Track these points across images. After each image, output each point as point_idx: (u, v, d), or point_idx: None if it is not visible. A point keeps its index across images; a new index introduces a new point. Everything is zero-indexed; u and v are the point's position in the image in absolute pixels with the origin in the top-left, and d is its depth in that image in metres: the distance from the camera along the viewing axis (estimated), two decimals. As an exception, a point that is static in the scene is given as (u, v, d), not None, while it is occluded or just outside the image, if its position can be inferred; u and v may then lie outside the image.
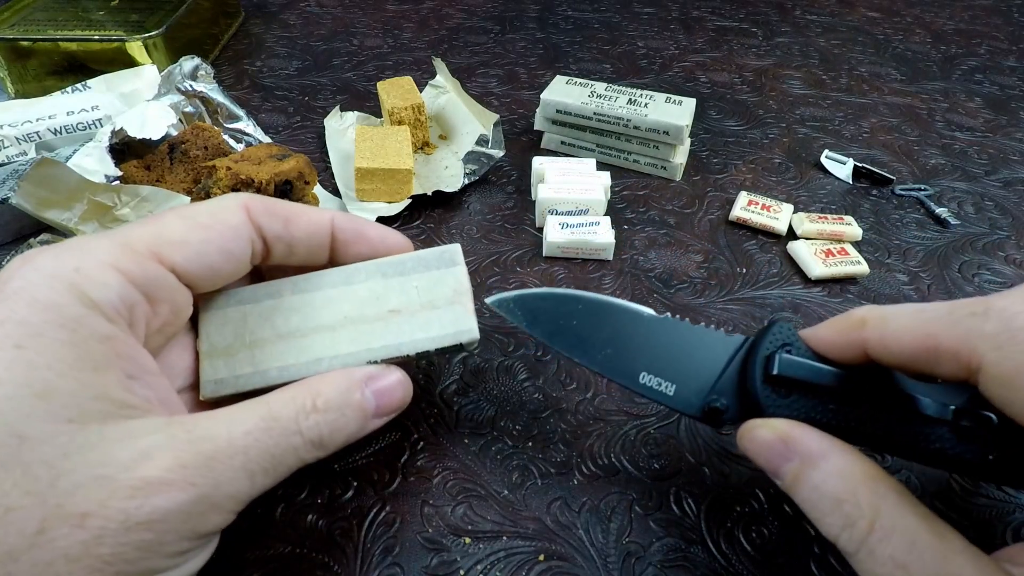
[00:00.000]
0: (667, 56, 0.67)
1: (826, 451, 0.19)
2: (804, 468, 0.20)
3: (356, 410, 0.22)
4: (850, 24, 0.76)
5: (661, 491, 0.27)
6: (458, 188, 0.44)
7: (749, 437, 0.21)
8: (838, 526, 0.19)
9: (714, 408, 0.23)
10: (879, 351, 0.20)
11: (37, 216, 0.34)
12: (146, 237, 0.20)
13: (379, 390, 0.22)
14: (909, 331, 0.20)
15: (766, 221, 0.42)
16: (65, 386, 0.17)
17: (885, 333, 0.20)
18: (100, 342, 0.18)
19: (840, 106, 0.58)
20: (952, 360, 0.19)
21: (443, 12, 0.76)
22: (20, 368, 0.17)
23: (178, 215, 0.21)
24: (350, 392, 0.22)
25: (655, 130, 0.45)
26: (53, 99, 0.46)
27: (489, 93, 0.59)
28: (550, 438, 0.29)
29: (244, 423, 0.19)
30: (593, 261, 0.39)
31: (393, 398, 0.23)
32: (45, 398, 0.17)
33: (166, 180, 0.42)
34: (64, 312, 0.18)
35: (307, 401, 0.21)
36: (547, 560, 0.24)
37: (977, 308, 0.18)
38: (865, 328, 0.21)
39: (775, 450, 0.20)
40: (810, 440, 0.20)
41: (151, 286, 0.20)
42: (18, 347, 0.17)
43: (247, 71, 0.62)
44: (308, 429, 0.20)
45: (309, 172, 0.40)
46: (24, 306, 0.17)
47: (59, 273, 0.18)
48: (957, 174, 0.49)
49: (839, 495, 0.19)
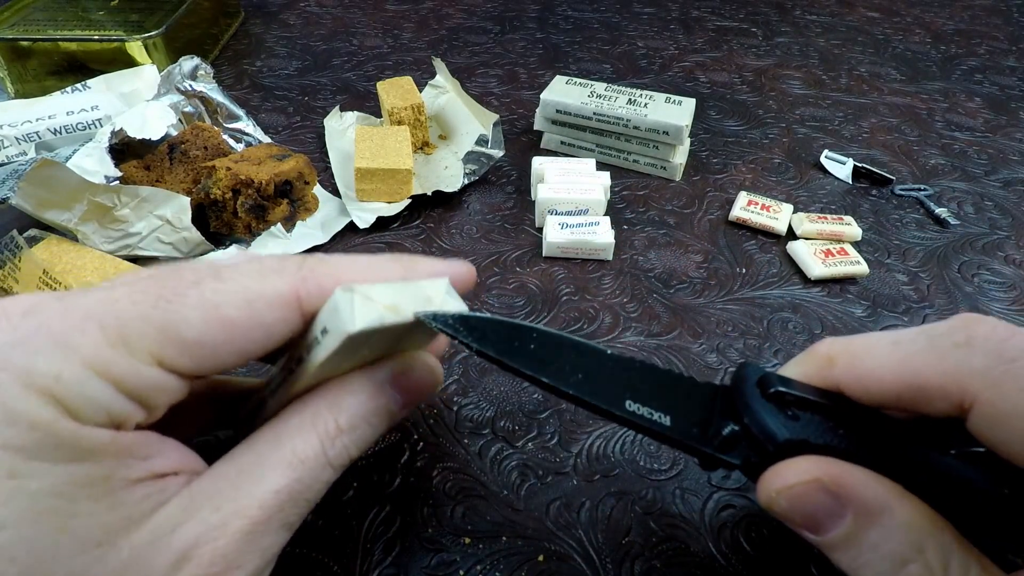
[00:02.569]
0: (667, 56, 0.67)
1: (887, 502, 0.16)
2: (860, 525, 0.16)
3: (382, 416, 0.19)
4: (850, 24, 0.76)
5: (660, 491, 0.27)
6: (458, 188, 0.44)
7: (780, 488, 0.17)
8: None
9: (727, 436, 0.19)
10: (857, 392, 0.18)
11: (37, 216, 0.34)
12: (150, 334, 0.16)
13: (408, 387, 0.20)
14: (888, 370, 0.18)
15: (766, 221, 0.42)
16: (81, 509, 0.15)
17: (861, 373, 0.18)
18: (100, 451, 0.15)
19: (840, 106, 0.58)
20: (942, 399, 0.17)
21: (443, 12, 0.76)
22: (23, 502, 0.14)
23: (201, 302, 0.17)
24: (376, 399, 0.19)
25: (655, 130, 0.45)
26: (53, 99, 0.46)
27: (489, 93, 0.59)
28: (549, 438, 0.29)
29: (272, 481, 0.17)
30: (593, 261, 0.39)
31: (422, 388, 0.20)
32: (64, 531, 0.14)
33: (166, 180, 0.42)
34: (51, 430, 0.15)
35: (330, 424, 0.18)
36: (547, 560, 0.24)
37: (959, 338, 0.17)
38: (835, 367, 0.19)
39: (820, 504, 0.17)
40: (865, 488, 0.16)
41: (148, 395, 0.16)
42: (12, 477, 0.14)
43: (247, 71, 0.62)
44: (336, 457, 0.18)
45: (309, 172, 0.40)
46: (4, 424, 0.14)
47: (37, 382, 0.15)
48: (957, 174, 0.49)
49: (904, 555, 0.16)
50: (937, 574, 0.16)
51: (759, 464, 0.18)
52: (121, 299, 0.16)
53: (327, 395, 0.19)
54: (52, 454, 0.15)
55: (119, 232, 0.36)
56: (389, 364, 0.20)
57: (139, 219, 0.36)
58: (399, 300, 0.17)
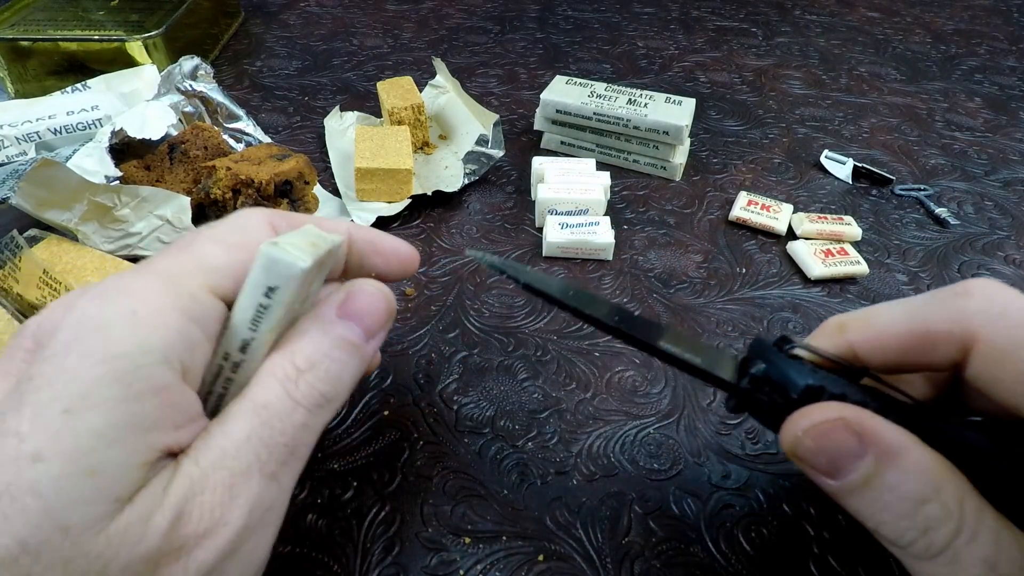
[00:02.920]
0: (667, 56, 0.67)
1: (905, 444, 0.17)
2: (881, 466, 0.17)
3: (343, 347, 0.19)
4: (850, 24, 0.76)
5: (660, 491, 0.27)
6: (458, 188, 0.44)
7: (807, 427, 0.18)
8: (916, 530, 0.16)
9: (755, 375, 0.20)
10: (869, 351, 0.19)
11: (37, 216, 0.34)
12: (193, 269, 0.18)
13: (356, 312, 0.20)
14: (897, 324, 0.19)
15: (766, 221, 0.42)
16: (114, 457, 0.15)
17: (872, 332, 0.19)
18: (154, 394, 0.16)
19: (840, 106, 0.58)
20: (946, 343, 0.18)
21: (443, 12, 0.76)
22: (67, 439, 0.15)
23: (209, 239, 0.19)
24: (327, 333, 0.19)
25: (655, 130, 0.45)
26: (53, 99, 0.46)
27: (489, 93, 0.59)
28: (549, 438, 0.29)
29: (239, 429, 0.17)
30: (593, 261, 0.39)
31: (376, 313, 0.20)
32: (94, 475, 0.15)
33: (166, 180, 0.42)
34: (119, 364, 0.15)
35: (288, 367, 0.18)
36: (546, 560, 0.24)
37: (959, 289, 0.18)
38: (847, 332, 0.20)
39: (844, 445, 0.17)
40: (886, 431, 0.17)
41: (209, 321, 0.18)
42: (67, 412, 0.15)
43: (247, 71, 0.62)
44: (304, 396, 0.18)
45: (309, 172, 0.40)
46: (76, 360, 0.15)
47: (114, 319, 0.16)
48: (957, 174, 0.49)
49: (923, 495, 0.16)
50: (954, 514, 0.16)
51: (783, 408, 0.19)
52: (153, 260, 0.19)
53: (280, 346, 0.19)
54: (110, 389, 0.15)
55: (119, 232, 0.36)
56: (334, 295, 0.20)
57: (139, 219, 0.36)
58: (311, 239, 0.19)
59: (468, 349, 0.33)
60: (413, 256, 0.24)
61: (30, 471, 0.14)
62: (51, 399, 0.15)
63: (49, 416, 0.15)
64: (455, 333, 0.34)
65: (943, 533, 0.16)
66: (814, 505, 0.26)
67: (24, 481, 0.14)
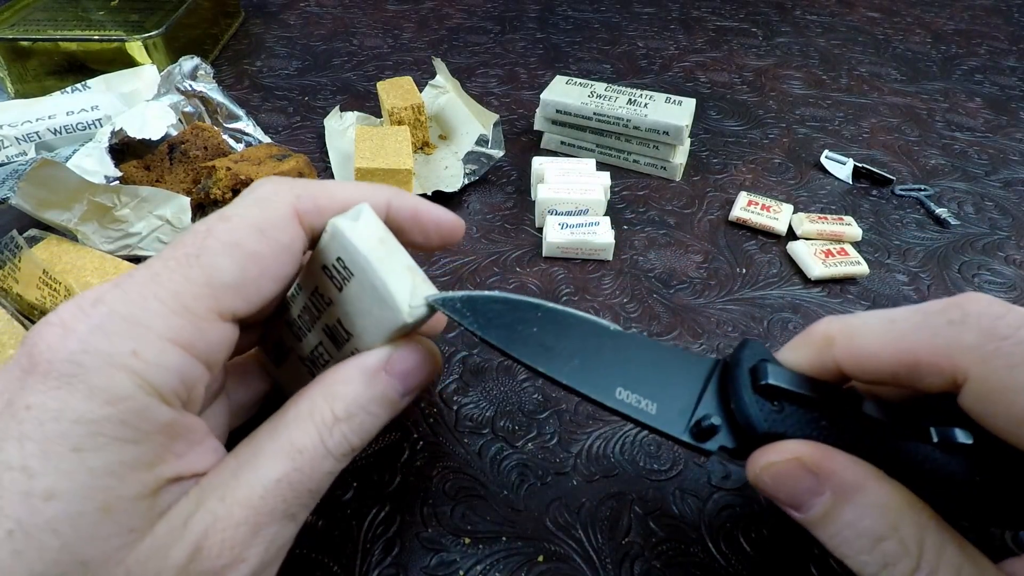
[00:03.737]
0: (667, 56, 0.67)
1: (862, 481, 0.17)
2: (837, 503, 0.17)
3: (382, 404, 0.19)
4: (850, 24, 0.76)
5: (660, 491, 0.27)
6: (458, 188, 0.44)
7: (764, 465, 0.18)
8: (875, 565, 0.17)
9: (705, 427, 0.19)
10: (854, 370, 0.19)
11: (37, 216, 0.34)
12: (202, 292, 0.17)
13: (401, 371, 0.20)
14: (884, 347, 0.18)
15: (766, 221, 0.42)
16: (126, 492, 0.15)
17: (858, 352, 0.19)
18: (159, 432, 0.16)
19: (840, 106, 0.58)
20: (935, 375, 0.17)
21: (443, 12, 0.76)
22: (80, 477, 0.15)
23: (223, 246, 0.18)
24: (370, 386, 0.19)
25: (655, 130, 0.45)
26: (53, 99, 0.46)
27: (489, 93, 0.59)
28: (549, 438, 0.29)
29: (272, 470, 0.17)
30: (593, 261, 0.39)
31: (420, 376, 0.20)
32: (108, 511, 0.15)
33: (166, 180, 0.42)
34: (125, 405, 0.15)
35: (326, 413, 0.18)
36: (546, 561, 0.24)
37: (953, 316, 0.17)
38: (834, 346, 0.19)
39: (800, 482, 0.18)
40: (843, 468, 0.17)
41: (213, 353, 0.17)
42: (77, 451, 0.15)
43: (247, 71, 0.62)
44: (336, 446, 0.18)
45: (309, 172, 0.40)
46: (81, 398, 0.15)
47: (116, 359, 0.16)
48: (957, 174, 0.49)
49: (879, 532, 0.17)
50: (912, 551, 0.16)
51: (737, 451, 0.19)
52: (161, 271, 0.17)
53: (322, 386, 0.19)
54: (118, 430, 0.15)
55: (119, 232, 0.36)
56: (383, 350, 0.20)
57: (139, 219, 0.36)
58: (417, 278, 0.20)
59: (468, 349, 0.33)
60: (456, 227, 0.23)
61: (45, 509, 0.14)
62: (59, 436, 0.15)
63: (59, 454, 0.15)
64: (455, 333, 0.34)
65: (901, 569, 0.16)
66: (814, 505, 0.26)
67: (40, 519, 0.14)
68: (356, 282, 0.19)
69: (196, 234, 0.18)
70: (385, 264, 0.19)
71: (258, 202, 0.19)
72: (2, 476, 0.14)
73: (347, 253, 0.19)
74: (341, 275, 0.19)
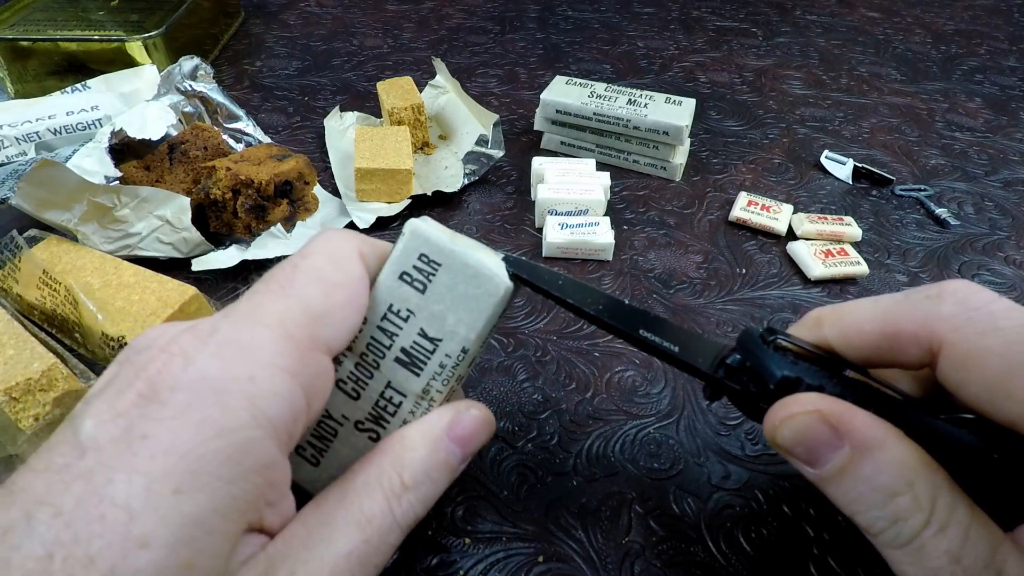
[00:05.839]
0: (667, 56, 0.67)
1: (883, 438, 0.17)
2: (855, 458, 0.17)
3: (444, 470, 0.19)
4: (850, 24, 0.76)
5: (660, 491, 0.27)
6: (458, 188, 0.44)
7: (785, 417, 0.18)
8: (886, 520, 0.17)
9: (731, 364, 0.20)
10: (843, 346, 0.20)
11: (37, 217, 0.34)
12: (301, 320, 0.17)
13: (461, 436, 0.20)
14: (868, 321, 0.19)
15: (766, 221, 0.42)
16: (210, 547, 0.15)
17: (845, 327, 0.20)
18: (258, 473, 0.16)
19: (840, 106, 0.58)
20: (914, 345, 0.18)
21: (443, 12, 0.76)
22: (173, 526, 0.14)
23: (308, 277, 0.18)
24: (435, 452, 0.19)
25: (655, 130, 0.45)
26: (53, 99, 0.46)
27: (489, 93, 0.59)
28: (549, 439, 0.29)
29: (343, 543, 0.17)
30: (593, 261, 0.39)
31: (478, 440, 0.20)
32: (190, 568, 0.14)
33: (166, 180, 0.42)
34: (235, 439, 0.15)
35: (395, 481, 0.18)
36: (547, 561, 0.24)
37: (932, 292, 0.19)
38: (823, 326, 0.20)
39: (819, 436, 0.17)
40: (864, 424, 0.17)
41: (313, 385, 0.17)
42: (177, 493, 0.14)
43: (247, 71, 0.62)
44: (403, 516, 0.18)
45: (309, 172, 0.40)
46: (193, 431, 0.15)
47: (233, 386, 0.15)
48: (957, 174, 0.49)
49: (894, 488, 0.17)
50: (924, 507, 0.16)
51: (759, 397, 0.20)
52: (263, 302, 0.18)
53: (388, 452, 0.19)
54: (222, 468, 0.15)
55: (119, 232, 0.36)
56: (444, 414, 0.20)
57: (139, 219, 0.36)
58: None
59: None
60: None
61: (136, 558, 0.14)
62: (164, 474, 0.14)
63: (159, 495, 0.14)
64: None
65: (911, 525, 0.16)
66: (814, 506, 0.26)
67: (130, 568, 0.14)
68: (444, 270, 0.20)
69: (284, 269, 0.19)
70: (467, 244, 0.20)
71: (327, 242, 0.20)
72: (106, 513, 0.14)
73: (430, 245, 0.20)
74: (425, 272, 0.20)
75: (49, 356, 0.27)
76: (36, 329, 0.31)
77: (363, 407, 0.21)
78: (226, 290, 0.37)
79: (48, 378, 0.27)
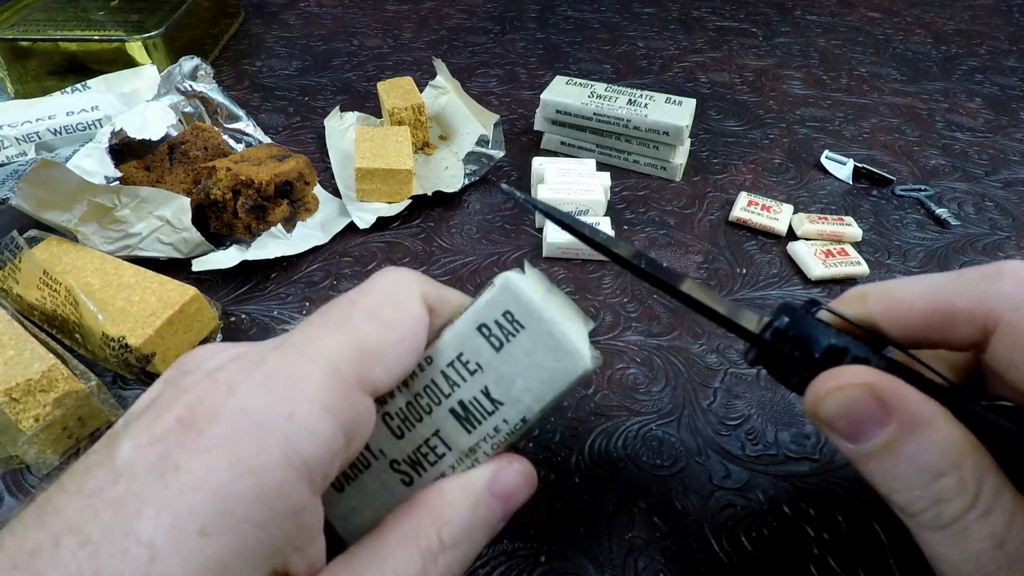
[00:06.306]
0: (667, 56, 0.67)
1: (932, 416, 0.17)
2: (902, 435, 0.16)
3: (485, 528, 0.18)
4: (850, 24, 0.76)
5: (663, 488, 0.27)
6: (458, 188, 0.44)
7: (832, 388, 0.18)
8: (928, 500, 0.16)
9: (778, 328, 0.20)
10: (889, 323, 0.19)
11: (37, 217, 0.34)
12: (350, 356, 0.17)
13: (503, 493, 0.19)
14: (919, 297, 0.19)
15: (766, 222, 0.42)
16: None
17: (892, 303, 0.19)
18: (289, 516, 0.15)
19: (840, 106, 0.58)
20: (968, 323, 0.18)
21: (443, 12, 0.76)
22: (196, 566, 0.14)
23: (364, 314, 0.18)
24: (476, 510, 0.18)
25: (655, 130, 0.45)
26: (53, 99, 0.46)
27: (489, 93, 0.59)
28: (551, 437, 0.29)
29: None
30: (593, 262, 0.39)
31: (520, 498, 0.19)
32: None
33: (166, 181, 0.42)
34: (266, 480, 0.14)
35: (432, 539, 0.17)
36: (549, 560, 0.24)
37: (990, 271, 0.18)
38: (867, 302, 0.20)
39: (866, 410, 0.17)
40: (914, 401, 0.17)
41: (354, 426, 0.17)
42: (202, 534, 0.14)
43: (247, 71, 0.62)
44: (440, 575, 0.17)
45: (309, 172, 0.40)
46: (226, 467, 0.14)
47: (272, 421, 0.15)
48: (957, 174, 0.49)
49: (940, 468, 0.16)
50: (970, 490, 0.16)
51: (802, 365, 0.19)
52: (314, 335, 0.17)
53: (427, 506, 0.18)
54: (251, 509, 0.14)
55: (119, 233, 0.36)
56: (487, 468, 0.19)
57: (139, 220, 0.36)
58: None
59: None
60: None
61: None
62: (191, 512, 0.14)
63: (185, 534, 0.14)
64: (455, 333, 0.34)
65: (955, 506, 0.16)
66: (814, 506, 0.26)
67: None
68: (526, 334, 0.19)
69: (341, 303, 0.18)
70: (559, 308, 0.19)
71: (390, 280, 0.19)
72: (130, 549, 0.13)
73: (519, 305, 0.18)
74: (506, 331, 0.19)
75: (49, 357, 0.27)
76: (36, 330, 0.31)
77: (404, 448, 0.20)
78: (226, 290, 0.37)
79: (48, 379, 0.27)
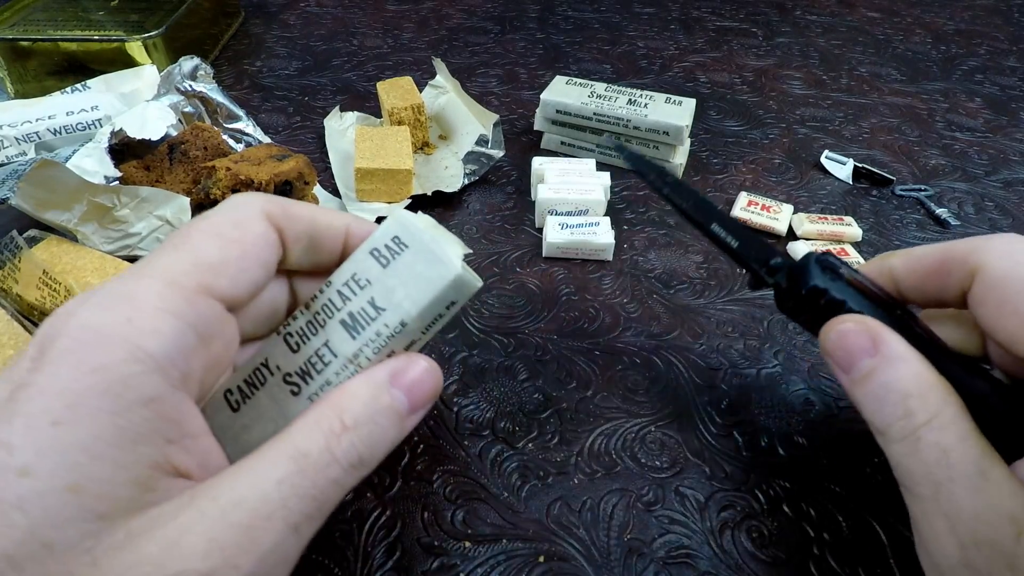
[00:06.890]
0: (667, 56, 0.67)
1: (908, 356, 0.20)
2: (882, 365, 0.20)
3: (389, 415, 0.19)
4: (850, 24, 0.76)
5: (662, 488, 0.27)
6: (458, 188, 0.44)
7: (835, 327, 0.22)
8: (895, 415, 0.20)
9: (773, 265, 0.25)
10: (903, 272, 0.24)
11: (37, 217, 0.34)
12: (189, 269, 0.18)
13: (407, 385, 0.20)
14: (929, 251, 0.23)
15: (766, 222, 0.42)
16: (98, 472, 0.15)
17: (909, 254, 0.24)
18: (144, 406, 0.16)
19: (840, 106, 0.58)
20: (960, 269, 0.21)
21: (443, 12, 0.76)
22: (54, 454, 0.14)
23: (204, 233, 0.19)
24: (377, 398, 0.19)
25: (655, 130, 0.45)
26: (53, 99, 0.46)
27: (489, 93, 0.59)
28: (550, 438, 0.29)
29: (273, 471, 0.17)
30: (593, 261, 0.39)
31: (424, 389, 0.20)
32: (77, 492, 0.14)
33: (166, 180, 0.42)
34: (111, 374, 0.15)
35: (334, 422, 0.18)
36: (547, 561, 0.24)
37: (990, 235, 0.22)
38: (891, 258, 0.24)
39: (859, 343, 0.21)
40: (896, 342, 0.21)
41: (204, 325, 0.18)
42: (55, 424, 0.15)
43: (247, 71, 0.62)
44: (344, 454, 0.18)
45: (309, 172, 0.40)
46: (68, 370, 0.15)
47: (110, 328, 0.16)
48: (957, 174, 0.49)
49: (908, 390, 0.20)
50: (931, 409, 0.19)
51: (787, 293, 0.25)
52: (151, 259, 0.18)
53: (329, 399, 0.19)
54: (99, 400, 0.15)
55: (119, 232, 0.36)
56: (388, 363, 0.20)
57: (139, 219, 0.36)
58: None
59: (468, 350, 0.33)
60: None
61: (17, 486, 0.14)
62: (42, 411, 0.15)
63: (38, 428, 0.15)
64: (455, 334, 0.34)
65: (916, 419, 0.19)
66: (814, 506, 0.26)
67: (12, 496, 0.14)
68: (409, 252, 0.21)
69: (179, 230, 0.19)
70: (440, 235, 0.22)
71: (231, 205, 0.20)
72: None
73: (406, 230, 0.21)
74: (392, 251, 0.21)
75: (49, 357, 0.27)
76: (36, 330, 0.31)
77: (296, 360, 0.21)
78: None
79: (48, 379, 0.27)
